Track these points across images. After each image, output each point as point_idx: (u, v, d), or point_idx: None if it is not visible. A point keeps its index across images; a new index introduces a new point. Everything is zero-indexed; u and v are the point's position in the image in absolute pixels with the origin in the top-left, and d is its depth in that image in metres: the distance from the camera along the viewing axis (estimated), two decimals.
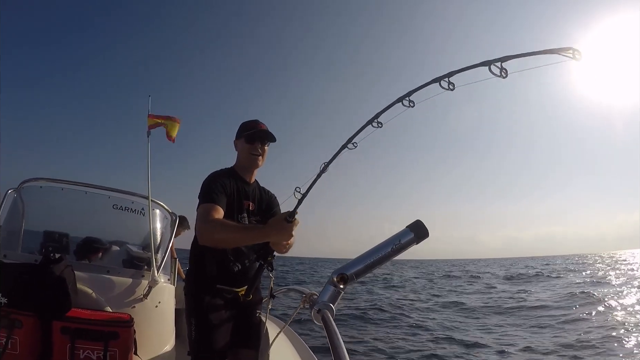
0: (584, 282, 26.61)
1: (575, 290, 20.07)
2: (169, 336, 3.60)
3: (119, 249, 4.04)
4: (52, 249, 3.63)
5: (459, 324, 13.05)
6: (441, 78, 1.58)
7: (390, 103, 1.79)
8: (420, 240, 1.52)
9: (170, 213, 4.19)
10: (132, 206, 3.99)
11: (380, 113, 1.82)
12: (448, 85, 1.57)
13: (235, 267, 2.64)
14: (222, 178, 2.67)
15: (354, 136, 1.90)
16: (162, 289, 3.44)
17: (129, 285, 3.30)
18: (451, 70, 1.57)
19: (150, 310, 3.31)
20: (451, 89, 1.57)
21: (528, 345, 9.80)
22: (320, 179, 2.01)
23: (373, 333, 11.07)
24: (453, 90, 1.58)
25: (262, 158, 2.82)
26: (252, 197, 2.83)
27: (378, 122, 1.84)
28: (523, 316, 14.52)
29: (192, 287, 2.72)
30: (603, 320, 12.72)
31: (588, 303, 16.43)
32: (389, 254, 1.48)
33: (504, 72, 1.41)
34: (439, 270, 57.48)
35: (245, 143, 2.76)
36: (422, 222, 1.54)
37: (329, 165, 1.96)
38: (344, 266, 1.48)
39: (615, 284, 25.28)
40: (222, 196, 2.55)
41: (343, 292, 1.47)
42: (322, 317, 1.42)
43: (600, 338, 10.32)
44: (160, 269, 3.46)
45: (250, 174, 2.85)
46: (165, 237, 4.08)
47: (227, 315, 2.66)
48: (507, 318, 14.31)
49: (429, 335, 11.29)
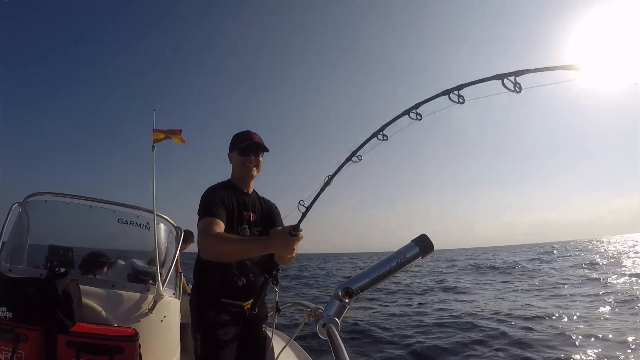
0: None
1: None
2: (174, 351, 3.59)
3: (124, 263, 4.04)
4: (57, 263, 3.64)
5: None
6: (450, 91, 1.56)
7: (396, 116, 1.77)
8: (426, 254, 1.52)
9: (175, 227, 4.19)
10: (137, 220, 3.99)
11: (386, 126, 1.80)
12: (458, 98, 1.54)
13: (240, 282, 2.63)
14: (220, 191, 2.69)
15: (358, 149, 1.89)
16: (167, 304, 3.43)
17: (134, 299, 3.29)
18: (461, 83, 1.55)
19: (156, 325, 3.30)
20: (461, 102, 1.54)
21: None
22: (324, 191, 1.98)
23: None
24: (463, 104, 1.55)
25: (256, 169, 2.85)
26: (252, 207, 2.85)
27: (383, 134, 1.81)
28: None
29: (197, 302, 2.72)
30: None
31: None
32: (394, 268, 1.49)
33: (518, 86, 1.36)
34: (466, 260, 55.68)
35: (238, 155, 2.80)
36: (427, 236, 1.55)
37: (332, 178, 1.94)
38: (349, 280, 1.49)
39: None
40: (222, 209, 2.57)
41: (348, 306, 1.47)
42: (327, 332, 1.42)
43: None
44: (165, 283, 3.46)
45: (248, 185, 2.88)
46: (170, 251, 4.08)
47: (233, 330, 2.66)
48: None
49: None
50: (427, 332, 11.61)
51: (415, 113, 1.71)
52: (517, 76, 1.37)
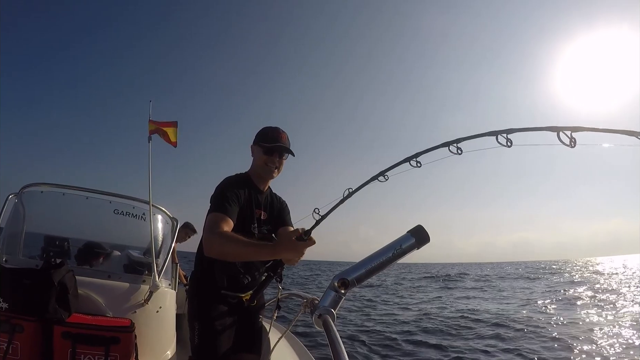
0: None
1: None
2: (170, 341, 3.59)
3: (120, 254, 4.03)
4: (53, 254, 3.63)
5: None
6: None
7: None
8: (421, 245, 1.53)
9: (171, 218, 4.18)
10: (133, 211, 3.98)
11: (421, 153, 1.79)
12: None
13: (245, 280, 2.62)
14: (237, 187, 2.62)
15: (387, 170, 1.86)
16: (163, 294, 3.43)
17: (130, 290, 3.29)
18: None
19: (151, 315, 3.30)
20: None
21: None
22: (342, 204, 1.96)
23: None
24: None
25: (277, 171, 2.77)
26: (264, 205, 2.80)
27: (417, 161, 1.80)
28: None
29: (197, 292, 2.71)
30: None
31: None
32: (390, 259, 1.49)
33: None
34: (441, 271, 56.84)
35: (263, 153, 2.71)
36: (423, 227, 1.55)
37: (354, 193, 1.91)
38: (345, 271, 1.49)
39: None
40: (235, 207, 2.50)
41: (344, 297, 1.48)
42: (323, 322, 1.43)
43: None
44: (161, 274, 3.45)
45: (265, 183, 2.82)
46: (166, 242, 4.07)
47: (230, 320, 2.65)
48: None
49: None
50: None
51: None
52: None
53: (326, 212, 1.95)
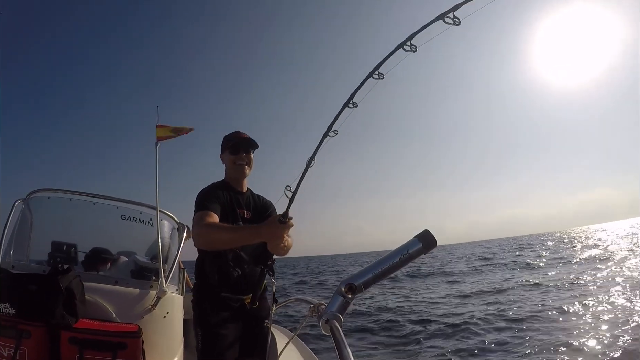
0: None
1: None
2: (177, 347, 3.58)
3: (127, 260, 4.03)
4: (60, 259, 3.64)
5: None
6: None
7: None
8: (429, 250, 1.52)
9: (178, 223, 4.18)
10: (140, 217, 3.99)
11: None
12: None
13: (235, 273, 2.66)
14: (214, 190, 2.78)
15: (334, 122, 1.94)
16: (170, 300, 3.42)
17: (137, 295, 3.29)
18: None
19: (159, 321, 3.29)
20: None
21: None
22: (309, 174, 2.03)
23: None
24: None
25: (248, 166, 2.91)
26: (246, 205, 2.91)
27: (353, 102, 1.87)
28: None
29: (198, 297, 2.79)
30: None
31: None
32: (397, 264, 1.48)
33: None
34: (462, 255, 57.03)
35: (230, 155, 2.87)
36: (430, 232, 1.54)
37: (313, 157, 1.99)
38: (353, 276, 1.48)
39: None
40: (216, 204, 2.63)
41: (352, 302, 1.47)
42: (330, 328, 1.42)
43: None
44: (168, 279, 3.45)
45: (241, 184, 2.96)
46: (173, 247, 4.07)
47: (234, 326, 2.68)
48: None
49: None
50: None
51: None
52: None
53: (296, 186, 2.02)
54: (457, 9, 1.53)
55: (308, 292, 23.16)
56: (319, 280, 32.99)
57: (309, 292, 23.24)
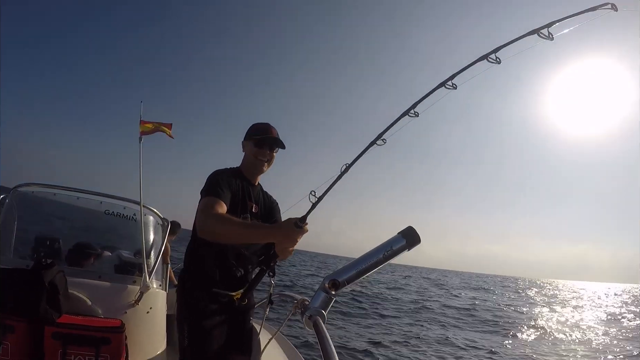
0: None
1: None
2: (160, 342, 3.59)
3: (110, 255, 4.03)
4: (44, 254, 3.62)
5: None
6: (487, 55, 1.59)
7: (430, 90, 1.75)
8: (412, 246, 1.54)
9: (162, 219, 4.18)
10: (124, 212, 3.98)
11: (418, 103, 1.77)
12: (452, 85, 1.58)
13: (238, 273, 2.60)
14: (228, 175, 2.64)
15: (386, 130, 1.84)
16: (153, 295, 3.43)
17: (120, 290, 3.29)
18: (498, 46, 1.58)
19: (142, 316, 3.30)
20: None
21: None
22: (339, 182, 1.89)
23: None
24: (499, 64, 1.59)
25: (268, 164, 2.79)
26: (256, 199, 2.81)
27: (415, 112, 1.77)
28: None
29: (186, 291, 2.67)
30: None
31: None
32: (380, 260, 1.51)
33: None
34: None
35: (253, 146, 2.73)
36: (414, 228, 1.56)
37: (352, 165, 1.87)
38: (336, 272, 1.50)
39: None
40: (227, 192, 2.50)
41: (335, 298, 1.49)
42: (313, 323, 1.44)
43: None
44: (152, 274, 3.45)
45: (256, 178, 2.84)
46: (157, 242, 4.07)
47: (220, 320, 2.62)
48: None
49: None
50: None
51: (452, 84, 1.72)
52: (549, 27, 1.53)
53: (323, 192, 1.90)
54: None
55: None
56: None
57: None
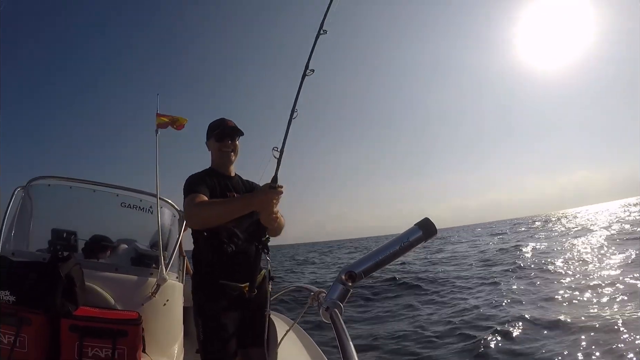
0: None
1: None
2: (177, 334, 3.60)
3: (127, 247, 4.04)
4: (61, 247, 3.64)
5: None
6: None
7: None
8: (429, 238, 1.51)
9: (179, 211, 4.19)
10: (140, 204, 3.99)
11: (323, 21, 1.91)
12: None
13: (229, 248, 2.66)
14: (201, 176, 2.81)
15: (309, 59, 2.02)
16: (170, 287, 3.43)
17: (137, 283, 3.29)
18: None
19: (159, 308, 3.30)
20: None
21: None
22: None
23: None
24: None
25: (234, 153, 2.96)
26: (236, 188, 2.93)
27: (324, 29, 1.98)
28: None
29: (196, 286, 2.78)
30: None
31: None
32: (397, 252, 1.47)
33: None
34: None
35: (215, 142, 2.92)
36: (430, 220, 1.53)
37: (296, 103, 2.06)
38: (353, 264, 1.47)
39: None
40: (204, 187, 2.66)
41: (352, 290, 1.46)
42: (330, 315, 1.42)
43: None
44: (168, 266, 3.45)
45: (229, 169, 2.99)
46: (173, 235, 4.07)
47: (233, 314, 2.68)
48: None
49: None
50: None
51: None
52: None
53: (282, 144, 2.09)
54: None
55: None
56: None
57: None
